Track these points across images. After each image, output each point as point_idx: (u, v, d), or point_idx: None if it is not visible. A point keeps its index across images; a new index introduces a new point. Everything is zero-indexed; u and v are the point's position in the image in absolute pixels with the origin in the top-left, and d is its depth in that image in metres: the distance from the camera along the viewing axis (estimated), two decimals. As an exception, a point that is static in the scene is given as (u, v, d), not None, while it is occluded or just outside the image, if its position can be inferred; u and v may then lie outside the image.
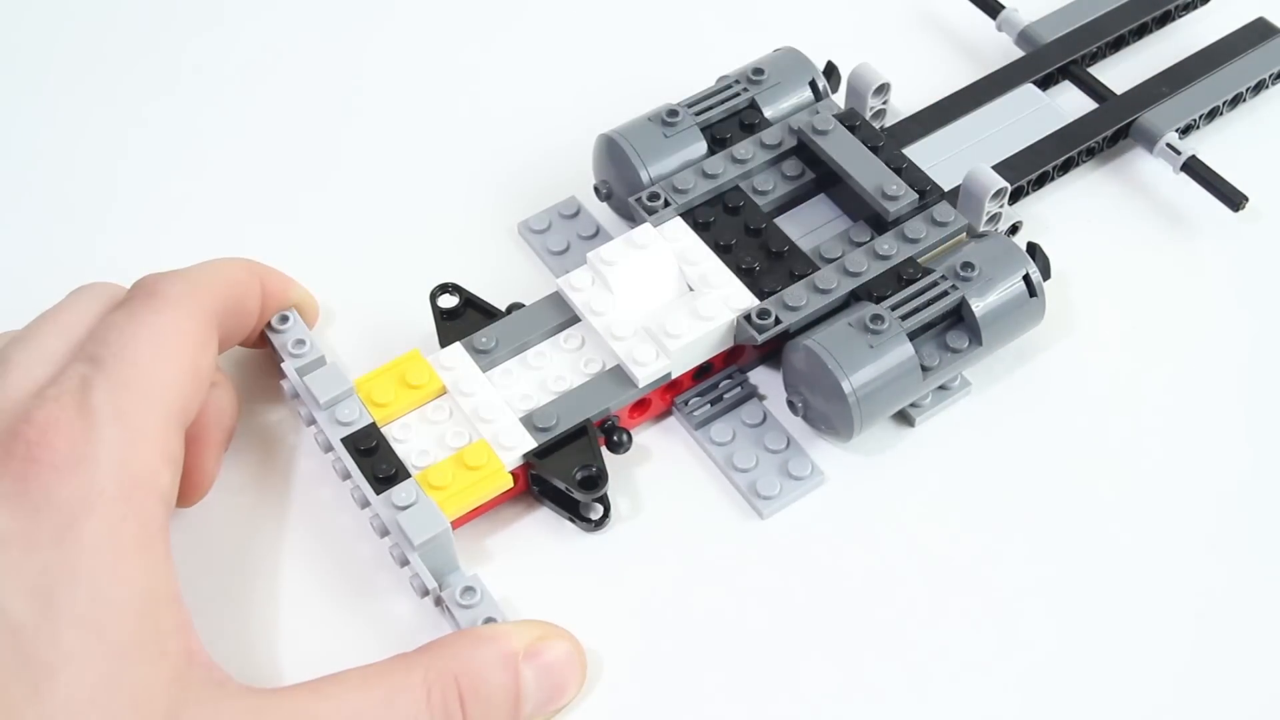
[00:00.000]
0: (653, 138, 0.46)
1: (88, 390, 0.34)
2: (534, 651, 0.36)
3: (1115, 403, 0.44)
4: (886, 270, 0.43)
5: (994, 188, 0.44)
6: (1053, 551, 0.41)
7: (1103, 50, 0.53)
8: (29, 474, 0.32)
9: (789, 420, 0.43)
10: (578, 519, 0.40)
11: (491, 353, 0.42)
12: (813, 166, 0.46)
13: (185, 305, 0.37)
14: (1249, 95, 0.51)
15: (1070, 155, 0.48)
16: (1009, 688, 0.38)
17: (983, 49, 0.54)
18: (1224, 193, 0.47)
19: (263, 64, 0.54)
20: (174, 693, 0.32)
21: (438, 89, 0.53)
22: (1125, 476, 0.42)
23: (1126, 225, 0.49)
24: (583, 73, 0.54)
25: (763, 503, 0.41)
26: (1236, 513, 0.41)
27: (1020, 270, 0.42)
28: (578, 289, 0.43)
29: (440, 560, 0.38)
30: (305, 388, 0.40)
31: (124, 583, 0.32)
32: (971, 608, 0.39)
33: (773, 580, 0.40)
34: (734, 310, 0.42)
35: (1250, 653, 0.39)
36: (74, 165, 0.51)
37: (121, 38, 0.55)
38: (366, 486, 0.39)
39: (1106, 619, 0.39)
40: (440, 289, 0.43)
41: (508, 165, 0.50)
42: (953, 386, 0.43)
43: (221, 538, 0.41)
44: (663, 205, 0.44)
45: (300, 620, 0.39)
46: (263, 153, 0.51)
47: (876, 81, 0.47)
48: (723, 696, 0.38)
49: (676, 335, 0.41)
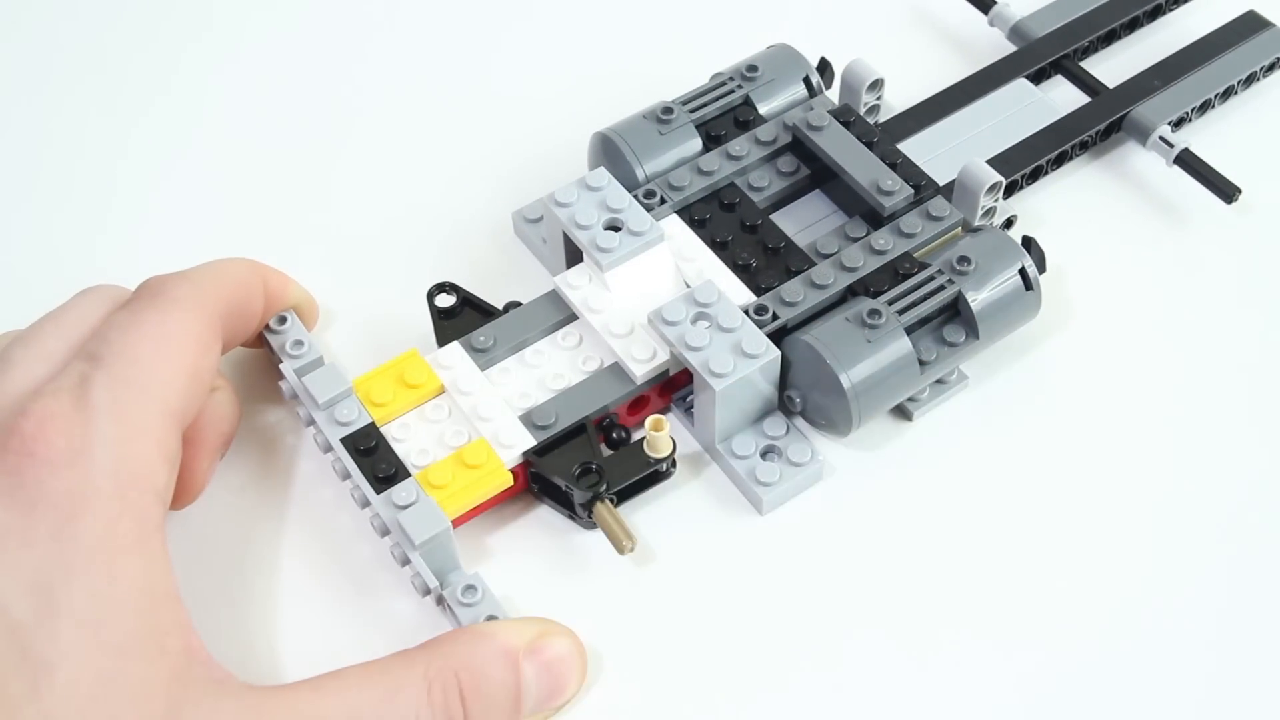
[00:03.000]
0: (648, 135, 0.46)
1: (86, 386, 0.34)
2: (535, 648, 0.36)
3: (1112, 395, 0.44)
4: (883, 265, 0.43)
5: (989, 182, 0.44)
6: (1051, 544, 0.41)
7: (1095, 44, 0.53)
8: (25, 469, 0.32)
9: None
10: (577, 516, 0.41)
11: (490, 351, 0.42)
12: (808, 162, 0.46)
13: (189, 306, 0.37)
14: (1240, 88, 0.51)
15: (1064, 149, 0.48)
16: (1009, 681, 0.38)
17: (975, 44, 0.54)
18: (1217, 185, 0.47)
19: (260, 65, 0.54)
20: (174, 690, 0.32)
21: (434, 90, 0.53)
22: (1123, 468, 0.42)
23: (1120, 218, 0.49)
24: (577, 71, 0.54)
25: (762, 489, 0.41)
26: (1235, 504, 0.41)
27: (1016, 264, 0.42)
28: (575, 287, 0.43)
29: (441, 559, 0.38)
30: (304, 388, 0.40)
31: (122, 579, 0.32)
32: (970, 601, 0.39)
33: (772, 575, 0.40)
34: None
35: (1251, 638, 0.39)
36: (74, 166, 0.51)
37: (121, 38, 0.55)
38: (366, 486, 0.39)
39: (1106, 611, 0.39)
40: (437, 288, 0.44)
41: (504, 165, 0.50)
42: (950, 380, 0.43)
43: (222, 538, 0.41)
44: (658, 202, 0.45)
45: (301, 620, 0.39)
46: (260, 153, 0.51)
47: (870, 77, 0.48)
48: (723, 693, 0.38)
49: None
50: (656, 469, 0.40)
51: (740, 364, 0.40)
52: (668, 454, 0.40)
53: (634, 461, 0.40)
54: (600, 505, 0.39)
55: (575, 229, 0.43)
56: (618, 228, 0.43)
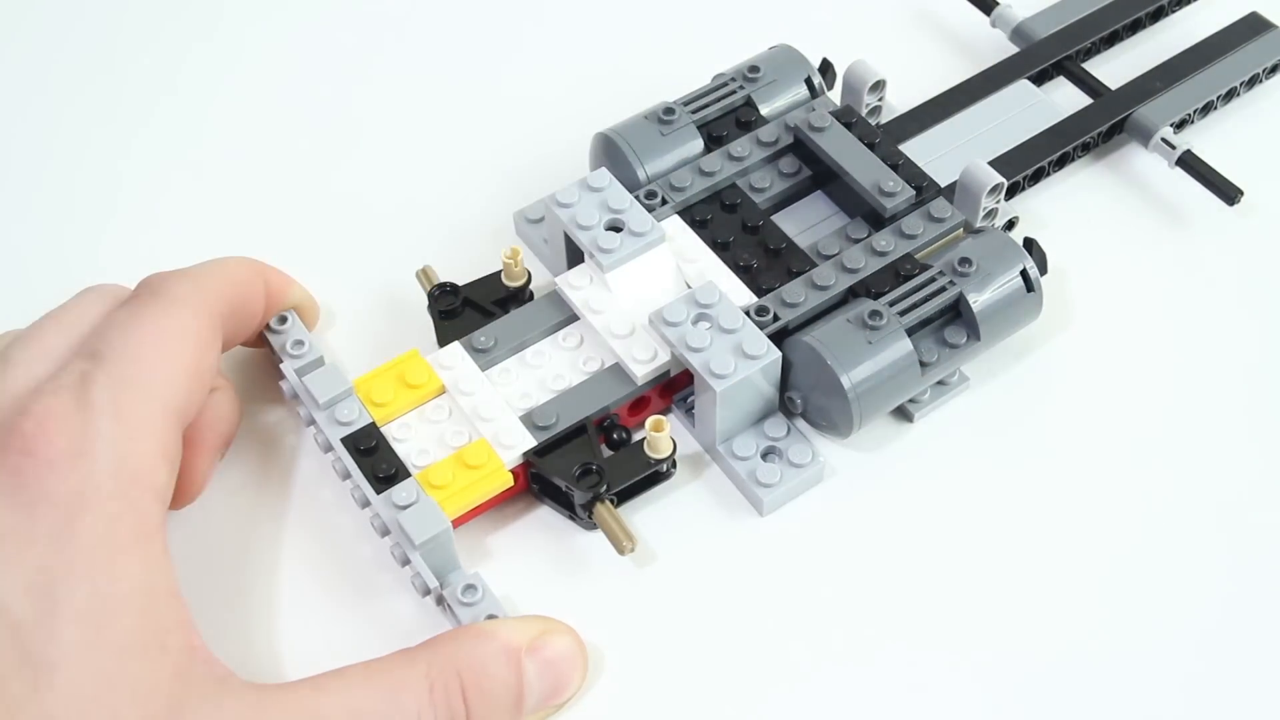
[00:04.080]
0: (649, 136, 0.46)
1: (87, 385, 0.34)
2: (536, 646, 0.36)
3: (1113, 396, 0.44)
4: (884, 266, 0.43)
5: (990, 183, 0.44)
6: (1052, 545, 0.41)
7: (1097, 46, 0.53)
8: (25, 468, 0.32)
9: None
10: (577, 517, 0.40)
11: (490, 352, 0.42)
12: (809, 163, 0.46)
13: (189, 304, 0.37)
14: (1242, 89, 0.51)
15: (1066, 150, 0.48)
16: (1009, 682, 0.38)
17: (977, 45, 0.54)
18: (1219, 186, 0.47)
19: (263, 66, 0.55)
20: (176, 688, 0.32)
21: (436, 91, 0.53)
22: (1124, 469, 0.42)
23: (1122, 220, 0.49)
24: (579, 72, 0.54)
25: (763, 490, 0.41)
26: (1237, 505, 0.41)
27: (1018, 265, 0.42)
28: (576, 287, 0.43)
29: (441, 559, 0.38)
30: (304, 388, 0.40)
31: (123, 578, 0.32)
32: (971, 603, 0.39)
33: (772, 576, 0.40)
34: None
35: (1251, 638, 0.39)
36: (75, 166, 0.51)
37: (121, 39, 0.56)
38: (367, 486, 0.39)
39: (1106, 612, 0.39)
40: (438, 288, 0.44)
41: (505, 166, 0.50)
42: (951, 382, 0.43)
43: (222, 538, 0.41)
44: (660, 203, 0.45)
45: (301, 621, 0.39)
46: (262, 153, 0.51)
47: (872, 78, 0.48)
48: (723, 693, 0.38)
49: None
50: (657, 470, 0.40)
51: (741, 365, 0.40)
52: (668, 454, 0.40)
53: (634, 462, 0.40)
54: (600, 506, 0.39)
55: (576, 229, 0.43)
56: (619, 228, 0.43)
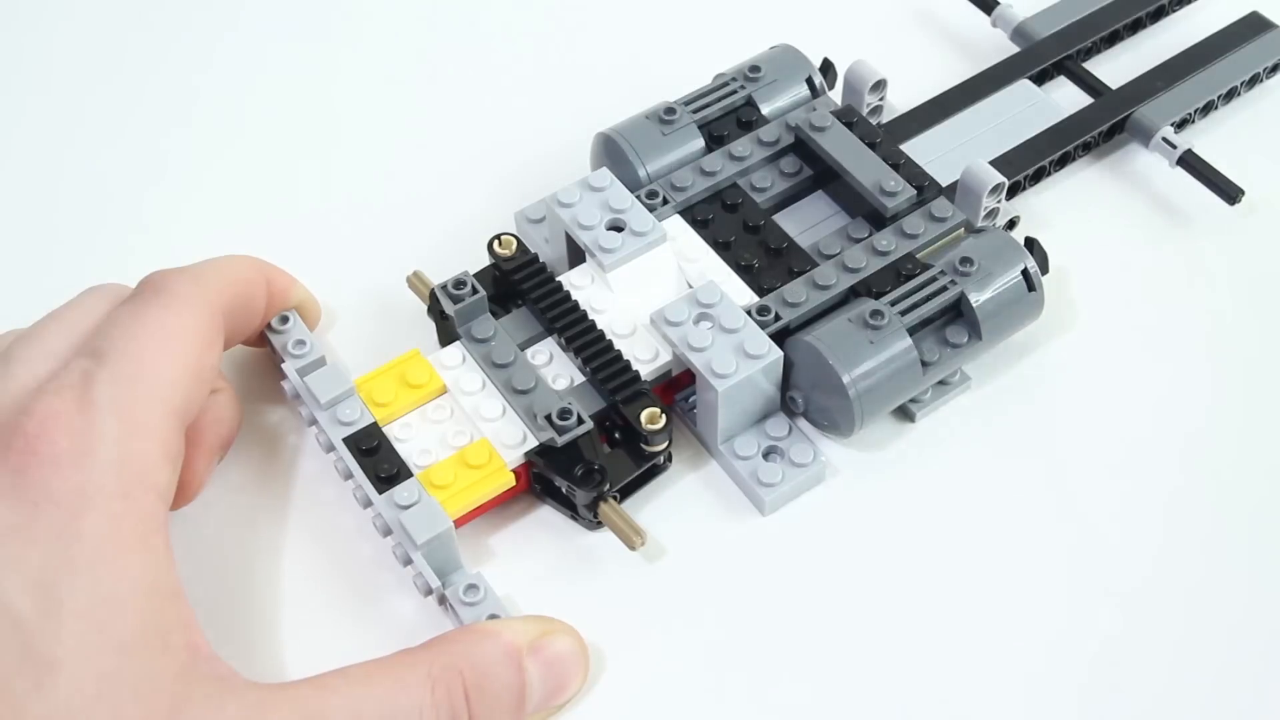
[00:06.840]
0: (650, 135, 0.46)
1: (89, 384, 0.34)
2: (538, 647, 0.36)
3: (1114, 396, 0.44)
4: (885, 266, 0.43)
5: (991, 183, 0.44)
6: (1054, 545, 0.41)
7: (1098, 45, 0.53)
8: (28, 467, 0.32)
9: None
10: (579, 517, 0.40)
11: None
12: (810, 163, 0.46)
13: (191, 302, 0.37)
14: (1243, 89, 0.51)
15: (1067, 150, 0.48)
16: (1010, 682, 0.38)
17: (978, 45, 0.54)
18: (1220, 186, 0.47)
19: (261, 63, 0.55)
20: (178, 687, 0.32)
21: (437, 90, 0.53)
22: (1125, 469, 0.42)
23: (1123, 219, 0.49)
24: (580, 71, 0.54)
25: (764, 490, 0.41)
26: (1239, 505, 0.41)
27: (1019, 265, 0.42)
28: (577, 287, 0.43)
29: (443, 559, 0.38)
30: (306, 388, 0.40)
31: (125, 577, 0.32)
32: (972, 602, 0.39)
33: (774, 576, 0.40)
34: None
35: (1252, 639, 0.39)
36: (74, 166, 0.51)
37: (121, 38, 0.56)
38: (369, 486, 0.39)
39: (1108, 612, 0.39)
40: (440, 288, 0.43)
41: (506, 165, 0.50)
42: (952, 381, 0.43)
43: (224, 538, 0.41)
44: (661, 203, 0.45)
45: (303, 620, 0.39)
46: (262, 152, 0.51)
47: (873, 78, 0.48)
48: (724, 693, 0.38)
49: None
50: (654, 463, 0.40)
51: (743, 365, 0.40)
52: (663, 447, 0.40)
53: (631, 458, 0.40)
54: (605, 505, 0.39)
55: (578, 229, 0.43)
56: (620, 228, 0.43)
